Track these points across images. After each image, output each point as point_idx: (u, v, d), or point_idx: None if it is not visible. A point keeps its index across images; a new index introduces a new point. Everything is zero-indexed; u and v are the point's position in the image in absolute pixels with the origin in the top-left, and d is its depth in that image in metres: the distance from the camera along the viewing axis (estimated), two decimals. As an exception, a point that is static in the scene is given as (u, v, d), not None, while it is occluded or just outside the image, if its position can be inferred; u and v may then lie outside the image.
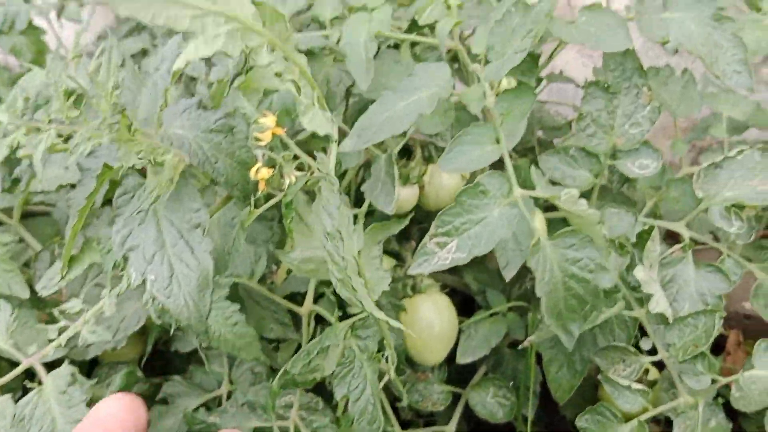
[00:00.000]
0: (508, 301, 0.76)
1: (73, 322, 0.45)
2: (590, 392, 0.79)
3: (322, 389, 0.60)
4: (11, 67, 1.04)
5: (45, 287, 0.53)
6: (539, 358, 0.73)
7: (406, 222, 0.60)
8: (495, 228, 0.52)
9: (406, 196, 0.70)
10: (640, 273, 0.59)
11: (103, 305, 0.44)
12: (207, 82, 0.64)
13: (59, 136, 0.46)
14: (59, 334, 0.44)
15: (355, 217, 0.63)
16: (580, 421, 0.62)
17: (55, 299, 0.63)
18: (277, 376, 0.50)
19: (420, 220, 0.82)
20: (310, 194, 0.47)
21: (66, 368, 0.42)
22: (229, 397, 0.63)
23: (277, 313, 0.60)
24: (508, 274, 0.65)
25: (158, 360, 0.69)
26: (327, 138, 0.48)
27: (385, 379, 0.56)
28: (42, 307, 0.62)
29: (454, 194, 0.73)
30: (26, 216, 0.73)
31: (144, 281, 0.42)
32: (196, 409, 0.61)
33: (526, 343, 0.66)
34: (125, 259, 0.43)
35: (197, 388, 0.63)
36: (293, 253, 0.46)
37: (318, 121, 0.40)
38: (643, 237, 0.62)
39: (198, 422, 0.59)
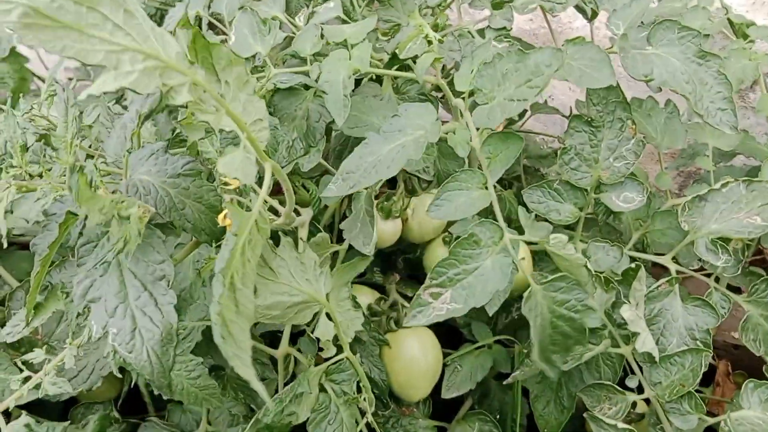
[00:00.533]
0: (494, 334, 0.75)
1: (36, 373, 0.44)
2: (578, 427, 0.77)
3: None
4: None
5: (10, 333, 0.52)
6: (525, 391, 0.72)
7: (369, 261, 0.59)
8: (489, 278, 0.52)
9: (388, 230, 0.69)
10: (626, 312, 0.58)
11: (64, 356, 0.43)
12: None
13: (22, 189, 0.45)
14: (22, 384, 0.43)
15: (335, 253, 0.62)
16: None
17: (31, 338, 0.62)
18: (250, 424, 0.49)
19: (404, 251, 0.81)
20: (275, 239, 0.46)
21: (23, 419, 0.41)
22: (207, 439, 0.61)
23: (255, 353, 0.59)
24: (492, 309, 0.64)
25: (136, 399, 0.68)
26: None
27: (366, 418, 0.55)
28: (18, 347, 0.61)
29: (438, 227, 0.73)
30: (3, 249, 0.72)
31: (106, 333, 0.41)
32: (173, 453, 0.60)
33: (510, 379, 0.65)
34: (87, 310, 0.42)
35: (175, 429, 0.62)
36: (258, 299, 0.45)
37: (237, 165, 0.37)
38: (629, 274, 0.61)
39: (174, 466, 0.58)
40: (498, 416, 0.74)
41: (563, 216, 0.65)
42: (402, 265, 0.80)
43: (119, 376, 0.64)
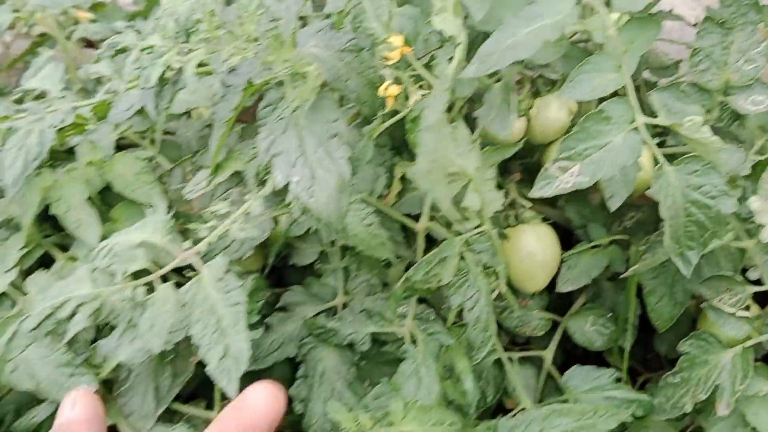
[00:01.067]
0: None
1: (221, 223, 0.50)
2: (686, 329, 0.79)
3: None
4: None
5: (192, 191, 0.59)
6: (638, 291, 0.74)
7: (520, 146, 0.62)
8: (618, 153, 0.53)
9: (515, 127, 0.72)
10: (755, 203, 0.59)
11: (250, 205, 0.48)
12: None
13: (209, 53, 0.50)
14: (210, 233, 0.49)
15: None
16: (683, 347, 0.63)
17: (185, 212, 0.69)
18: (399, 283, 0.54)
19: (522, 156, 0.84)
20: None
21: (221, 259, 0.47)
22: (344, 307, 0.67)
23: (391, 231, 0.63)
24: (613, 205, 0.66)
25: (275, 275, 0.75)
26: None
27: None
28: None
29: (561, 129, 0.75)
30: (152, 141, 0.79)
31: (288, 183, 0.46)
32: (315, 316, 0.66)
33: (629, 272, 0.67)
34: (270, 164, 0.47)
35: (315, 298, 0.68)
36: (417, 165, 0.50)
37: (448, 23, 0.42)
38: (757, 169, 0.62)
39: (318, 327, 0.64)
40: (610, 315, 0.77)
41: (690, 117, 0.66)
42: (519, 170, 0.83)
43: (263, 249, 0.71)
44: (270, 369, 0.73)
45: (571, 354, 0.82)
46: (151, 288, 0.49)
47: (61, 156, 0.71)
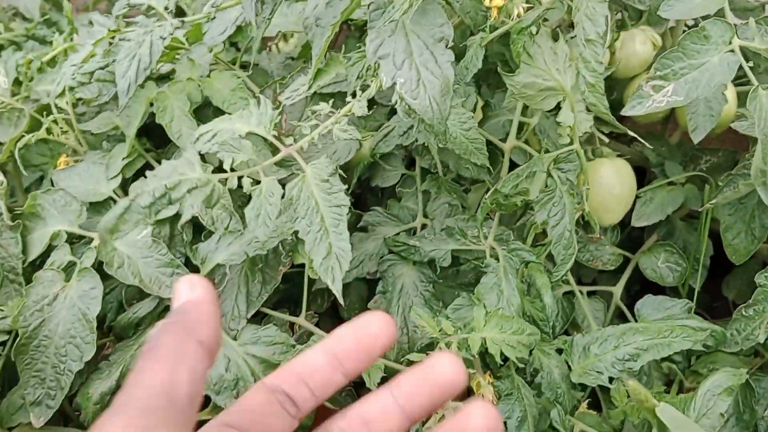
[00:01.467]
0: (686, 174, 0.78)
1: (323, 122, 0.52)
2: (756, 273, 0.80)
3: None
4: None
5: (289, 97, 0.61)
6: (710, 232, 0.75)
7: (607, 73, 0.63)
8: (713, 74, 0.54)
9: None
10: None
11: (353, 106, 0.51)
12: None
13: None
14: (312, 131, 0.52)
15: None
16: (760, 279, 0.64)
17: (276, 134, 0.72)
18: (489, 193, 0.56)
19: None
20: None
21: (325, 160, 0.50)
22: (423, 228, 0.70)
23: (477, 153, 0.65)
24: (696, 138, 0.67)
25: (355, 198, 0.77)
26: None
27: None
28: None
29: (644, 63, 0.75)
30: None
31: (394, 84, 0.48)
32: (396, 235, 0.68)
33: (707, 206, 0.68)
34: (377, 65, 0.49)
35: (395, 219, 0.71)
36: (518, 76, 0.51)
37: None
38: None
39: (398, 244, 0.67)
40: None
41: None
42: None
43: (346, 171, 0.74)
44: (348, 286, 0.77)
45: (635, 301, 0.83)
46: (255, 181, 0.51)
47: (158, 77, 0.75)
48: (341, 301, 0.50)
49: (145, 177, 0.70)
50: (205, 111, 0.72)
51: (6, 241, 0.65)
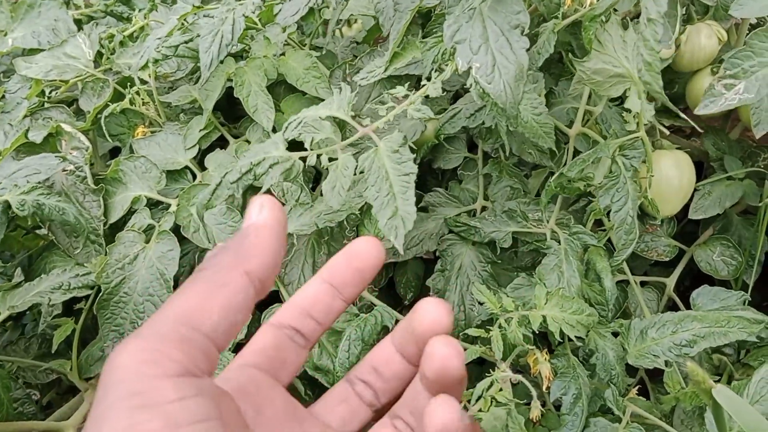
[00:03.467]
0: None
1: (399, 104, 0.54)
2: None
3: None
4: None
5: (364, 78, 0.64)
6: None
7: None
8: None
9: (662, 54, 0.73)
10: None
11: (428, 88, 0.53)
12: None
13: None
14: (387, 113, 0.54)
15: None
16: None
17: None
18: (554, 177, 0.58)
19: (664, 85, 0.85)
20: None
21: (397, 133, 0.52)
22: (482, 211, 0.72)
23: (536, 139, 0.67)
24: (759, 132, 0.67)
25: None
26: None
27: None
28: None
29: (709, 57, 0.76)
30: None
31: (470, 68, 0.50)
32: (457, 216, 0.71)
33: (766, 201, 0.69)
34: (453, 50, 0.51)
35: (455, 200, 0.73)
36: (589, 62, 0.53)
37: None
38: None
39: (459, 224, 0.69)
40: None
41: None
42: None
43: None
44: (405, 263, 0.79)
45: (684, 295, 0.83)
46: (333, 158, 0.54)
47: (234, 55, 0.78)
48: (401, 251, 0.51)
49: (221, 149, 0.74)
50: (276, 89, 0.75)
51: (89, 204, 0.69)
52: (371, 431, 0.38)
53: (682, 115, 0.70)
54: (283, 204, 0.66)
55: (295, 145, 0.55)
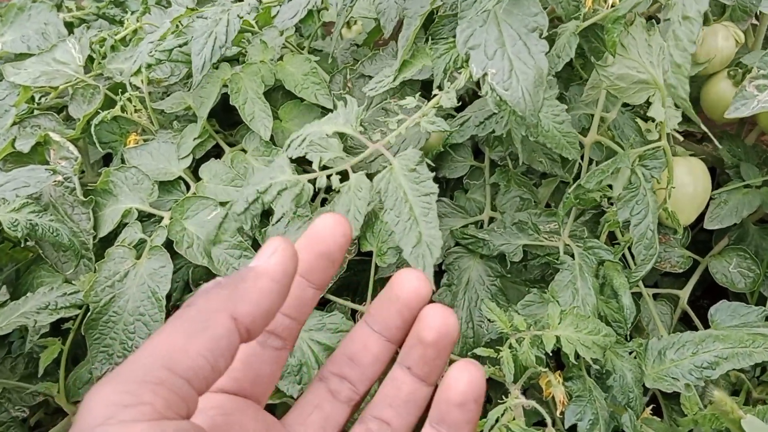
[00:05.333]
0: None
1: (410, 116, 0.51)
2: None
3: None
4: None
5: (373, 89, 0.61)
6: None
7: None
8: None
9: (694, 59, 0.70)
10: None
11: (440, 99, 0.50)
12: None
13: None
14: (398, 126, 0.51)
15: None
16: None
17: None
18: (572, 188, 0.54)
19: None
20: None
21: (412, 150, 0.49)
22: (490, 222, 0.69)
23: (548, 150, 0.64)
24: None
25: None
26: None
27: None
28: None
29: (726, 59, 0.73)
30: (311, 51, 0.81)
31: (485, 75, 0.47)
32: (463, 227, 0.67)
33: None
34: (467, 56, 0.48)
35: (461, 211, 0.70)
36: (612, 67, 0.49)
37: None
38: None
39: (467, 237, 0.66)
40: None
41: None
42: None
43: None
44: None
45: (695, 305, 0.81)
46: (344, 177, 0.50)
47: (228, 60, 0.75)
48: (432, 285, 0.48)
49: (216, 158, 0.70)
50: (274, 94, 0.72)
51: (78, 217, 0.65)
52: None
53: (696, 119, 0.67)
54: (282, 216, 0.63)
55: (295, 161, 0.51)
